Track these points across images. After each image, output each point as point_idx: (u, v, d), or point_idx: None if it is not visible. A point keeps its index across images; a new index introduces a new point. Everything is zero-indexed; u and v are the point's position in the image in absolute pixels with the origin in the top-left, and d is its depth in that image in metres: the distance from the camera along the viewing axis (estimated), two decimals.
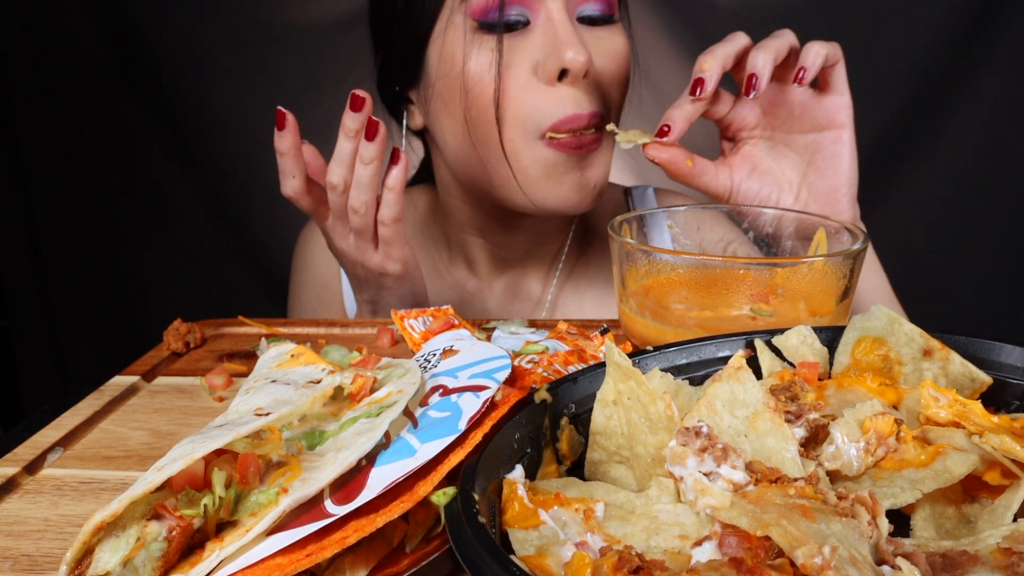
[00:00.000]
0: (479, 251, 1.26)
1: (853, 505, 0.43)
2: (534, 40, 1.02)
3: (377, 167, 0.95)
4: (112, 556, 0.45)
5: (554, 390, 0.57)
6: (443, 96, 1.07)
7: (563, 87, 1.02)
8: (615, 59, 1.07)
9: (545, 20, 1.02)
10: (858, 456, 0.53)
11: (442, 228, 1.30)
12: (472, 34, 1.03)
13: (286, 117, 0.97)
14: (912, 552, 0.43)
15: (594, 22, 1.06)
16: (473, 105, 1.04)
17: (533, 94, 1.02)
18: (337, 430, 0.53)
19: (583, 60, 0.99)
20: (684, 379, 0.62)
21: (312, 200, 1.01)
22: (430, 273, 1.30)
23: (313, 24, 2.01)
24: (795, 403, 0.55)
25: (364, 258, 1.03)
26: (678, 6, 2.04)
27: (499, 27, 1.01)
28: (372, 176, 0.95)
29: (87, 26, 2.08)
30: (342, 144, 0.95)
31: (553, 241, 1.27)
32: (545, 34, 1.02)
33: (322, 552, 0.44)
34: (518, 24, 1.03)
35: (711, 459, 0.47)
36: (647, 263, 0.79)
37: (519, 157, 1.05)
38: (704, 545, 0.42)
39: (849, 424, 0.53)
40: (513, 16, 1.02)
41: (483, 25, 1.02)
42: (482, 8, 1.01)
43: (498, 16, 1.01)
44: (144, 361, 0.88)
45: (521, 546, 0.45)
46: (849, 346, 0.63)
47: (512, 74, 1.02)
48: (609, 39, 1.07)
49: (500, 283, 1.28)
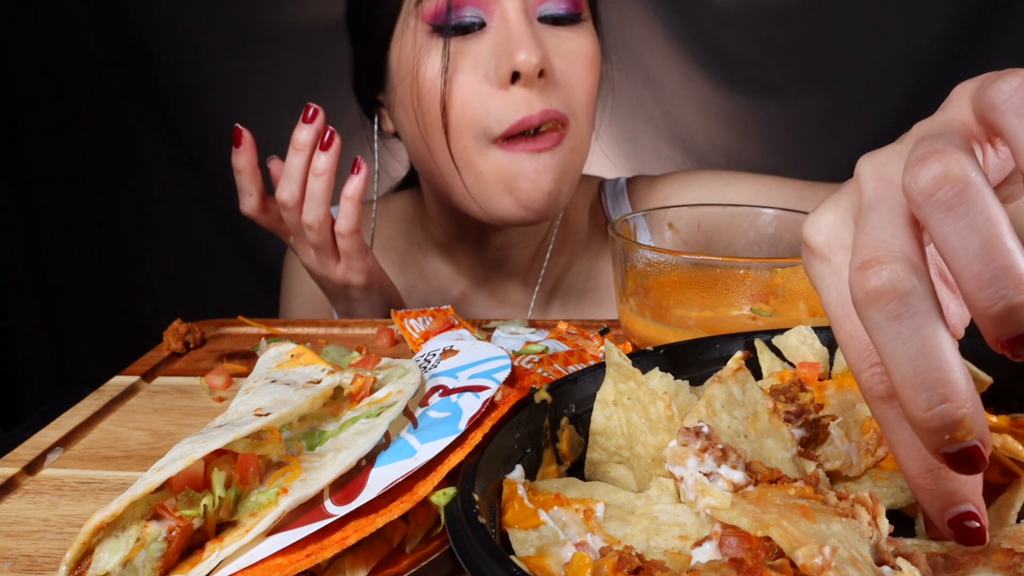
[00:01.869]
0: (462, 255, 1.25)
1: (853, 505, 0.43)
2: (487, 43, 0.99)
3: (329, 179, 0.94)
4: (112, 556, 0.45)
5: (554, 390, 0.57)
6: (403, 102, 1.05)
7: (517, 89, 0.98)
8: (578, 60, 1.03)
9: (500, 21, 0.99)
10: (858, 456, 0.53)
11: (429, 232, 1.28)
12: (426, 38, 1.00)
13: (243, 134, 0.96)
14: (912, 552, 0.42)
15: (558, 21, 1.02)
16: (426, 112, 1.01)
17: (484, 99, 0.98)
18: (337, 430, 0.53)
19: (535, 62, 0.95)
20: (685, 379, 0.61)
21: (270, 218, 1.01)
22: (417, 279, 1.29)
23: (313, 24, 2.01)
24: (795, 403, 0.55)
25: (327, 272, 1.02)
26: (678, 6, 2.04)
27: (447, 31, 0.98)
28: (324, 189, 0.94)
29: (87, 27, 2.08)
30: (291, 159, 0.94)
31: (532, 244, 1.23)
32: (499, 36, 0.98)
33: (322, 552, 0.44)
34: (473, 26, 0.99)
35: (711, 459, 0.47)
36: (647, 263, 0.79)
37: (473, 164, 1.02)
38: (704, 545, 0.42)
39: (849, 424, 0.53)
40: (467, 18, 0.99)
41: (436, 29, 0.99)
42: (432, 12, 0.99)
43: (446, 19, 0.98)
44: (144, 361, 0.88)
45: (521, 546, 0.45)
46: None
47: (463, 79, 0.99)
48: (573, 39, 1.03)
49: (484, 288, 1.26)
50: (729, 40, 2.00)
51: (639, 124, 2.10)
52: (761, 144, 2.09)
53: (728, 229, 0.96)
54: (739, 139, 2.11)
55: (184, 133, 2.13)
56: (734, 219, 0.95)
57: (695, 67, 2.05)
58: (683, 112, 2.11)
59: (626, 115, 1.26)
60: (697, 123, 2.11)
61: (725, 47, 2.02)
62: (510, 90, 0.98)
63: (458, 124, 1.00)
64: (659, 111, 2.11)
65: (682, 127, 2.12)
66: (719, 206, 0.98)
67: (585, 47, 1.04)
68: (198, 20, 2.06)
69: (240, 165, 0.97)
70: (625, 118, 1.68)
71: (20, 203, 2.21)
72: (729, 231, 0.96)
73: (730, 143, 2.11)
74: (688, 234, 0.95)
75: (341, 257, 1.00)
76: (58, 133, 2.18)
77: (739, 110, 2.07)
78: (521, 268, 1.25)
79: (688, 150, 2.12)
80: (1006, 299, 0.34)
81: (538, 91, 0.99)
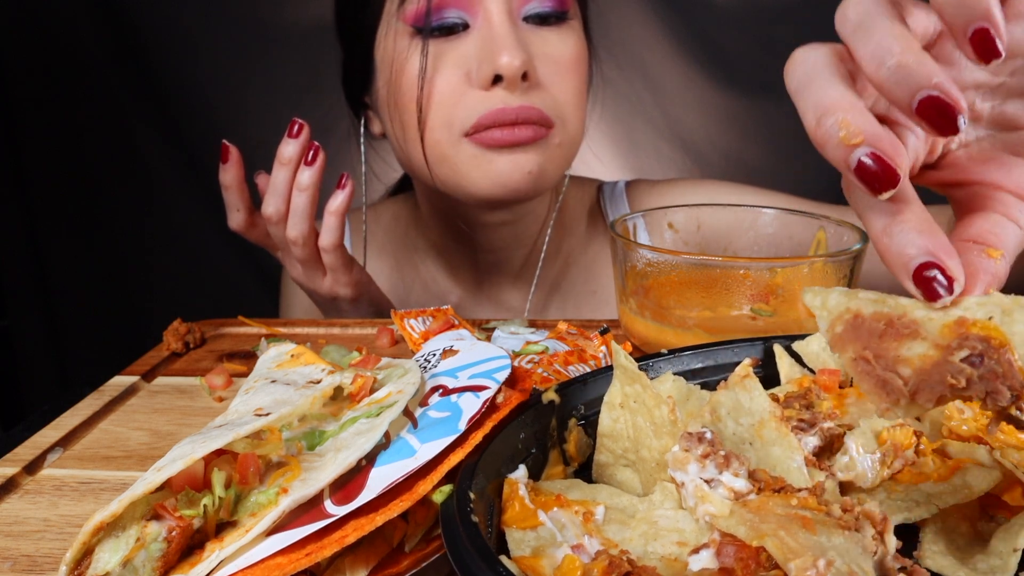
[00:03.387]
0: (459, 259, 1.24)
1: (859, 518, 0.42)
2: (470, 44, 0.98)
3: (313, 194, 0.94)
4: (112, 556, 0.45)
5: (563, 391, 0.57)
6: (387, 103, 1.05)
7: (498, 91, 0.97)
8: (562, 61, 1.01)
9: (483, 22, 0.98)
10: (872, 467, 0.51)
11: (424, 236, 1.28)
12: (408, 40, 0.99)
13: (230, 151, 0.96)
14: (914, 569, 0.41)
15: (544, 21, 1.01)
16: (403, 110, 1.01)
17: (462, 97, 0.98)
18: (337, 430, 0.53)
19: (517, 64, 0.94)
20: (698, 383, 0.61)
21: (258, 233, 1.01)
22: (412, 283, 1.29)
23: (313, 24, 2.00)
24: (810, 411, 0.54)
25: (315, 285, 1.02)
26: (678, 6, 2.03)
27: (425, 33, 0.98)
28: (307, 204, 0.94)
29: (87, 27, 2.08)
30: (276, 173, 0.94)
31: (525, 246, 1.22)
32: (481, 37, 0.97)
33: (321, 551, 0.44)
34: (456, 27, 0.98)
35: (713, 466, 0.46)
36: (647, 263, 0.79)
37: (446, 158, 1.01)
38: (701, 553, 0.42)
39: (865, 434, 0.52)
40: (450, 19, 0.98)
41: (419, 30, 0.99)
42: (414, 13, 0.98)
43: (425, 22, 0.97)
44: (144, 361, 0.88)
45: (517, 546, 0.45)
46: None
47: (443, 79, 0.98)
48: (558, 40, 1.02)
49: (481, 291, 1.26)
50: (729, 40, 2.00)
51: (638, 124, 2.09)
52: (761, 144, 2.09)
53: (728, 229, 0.96)
54: (739, 139, 2.10)
55: (184, 133, 2.13)
56: (734, 219, 0.96)
57: (695, 67, 2.05)
58: (683, 112, 2.10)
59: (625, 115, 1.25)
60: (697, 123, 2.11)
61: (725, 47, 2.01)
62: (491, 92, 0.97)
63: (433, 121, 0.99)
64: (659, 111, 2.11)
65: (682, 127, 2.12)
66: (719, 206, 0.98)
67: (570, 48, 1.03)
68: (198, 20, 2.06)
69: (227, 181, 0.98)
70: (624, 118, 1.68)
71: (20, 203, 2.21)
72: (729, 231, 0.97)
73: (730, 143, 2.11)
74: (688, 234, 0.95)
75: (327, 271, 1.00)
76: (58, 133, 2.18)
77: (739, 110, 2.07)
78: (515, 271, 1.24)
79: (688, 150, 2.12)
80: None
81: (520, 93, 0.97)
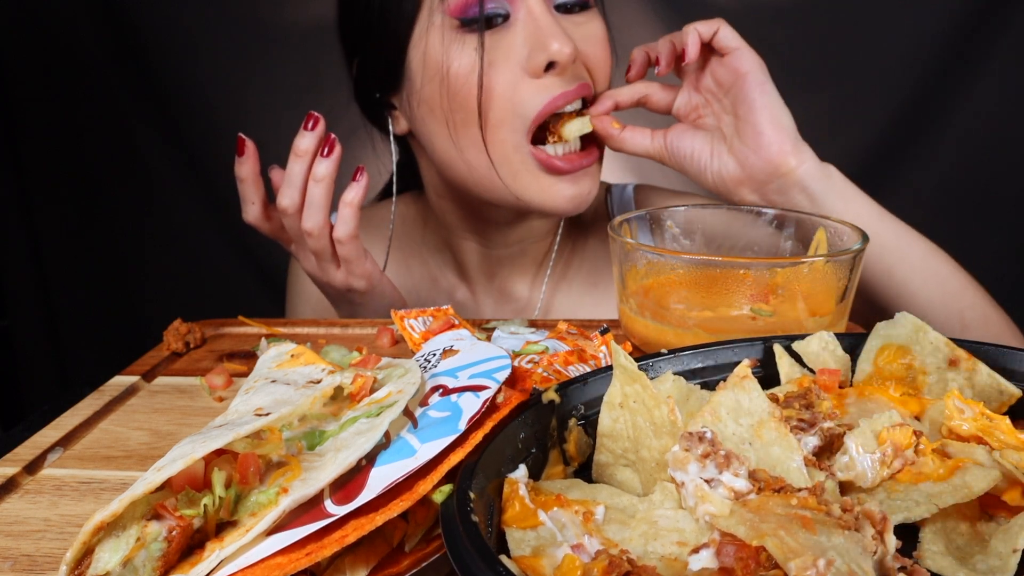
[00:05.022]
0: (470, 255, 1.25)
1: (859, 518, 0.42)
2: (516, 35, 1.00)
3: (329, 185, 0.94)
4: (112, 556, 0.45)
5: (563, 391, 0.57)
6: (429, 101, 1.04)
7: (549, 78, 1.01)
8: (596, 44, 1.07)
9: (525, 13, 1.00)
10: (872, 467, 0.51)
11: (434, 234, 1.28)
12: (453, 33, 1.00)
13: (246, 144, 0.97)
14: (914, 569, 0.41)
15: (570, 9, 1.05)
16: (460, 108, 1.01)
17: (522, 89, 1.00)
18: (337, 430, 0.53)
19: (569, 51, 0.98)
20: (698, 383, 0.61)
21: (273, 226, 1.02)
22: (423, 281, 1.29)
23: (313, 24, 2.00)
24: (810, 411, 0.54)
25: (328, 277, 1.02)
26: (678, 6, 2.03)
27: (480, 23, 0.99)
28: (323, 195, 0.95)
29: (87, 27, 2.08)
30: (292, 165, 0.95)
31: (543, 240, 1.24)
32: (527, 27, 1.00)
33: (321, 551, 0.44)
34: (498, 19, 1.00)
35: (713, 465, 0.46)
36: (647, 263, 0.79)
37: (509, 160, 1.03)
38: (701, 553, 0.42)
39: (865, 434, 0.52)
40: (492, 10, 0.99)
41: (464, 23, 0.99)
42: (461, 5, 0.98)
43: (478, 11, 0.98)
44: (144, 361, 0.88)
45: (517, 546, 0.45)
46: (872, 354, 0.61)
47: (499, 71, 1.00)
48: (588, 25, 1.06)
49: (491, 288, 1.27)
50: None
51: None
52: None
53: (728, 229, 0.96)
54: None
55: (184, 133, 2.13)
56: (734, 219, 0.96)
57: None
58: None
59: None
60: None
61: None
62: (543, 78, 1.01)
63: (496, 117, 1.01)
64: None
65: None
66: (719, 206, 0.98)
67: (598, 31, 1.08)
68: (198, 20, 2.06)
69: (243, 174, 0.98)
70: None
71: (20, 203, 2.21)
72: (729, 231, 0.97)
73: None
74: (688, 234, 0.95)
75: (341, 263, 1.00)
76: (58, 133, 2.18)
77: None
78: (531, 264, 1.25)
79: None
80: None
81: (569, 76, 1.02)
